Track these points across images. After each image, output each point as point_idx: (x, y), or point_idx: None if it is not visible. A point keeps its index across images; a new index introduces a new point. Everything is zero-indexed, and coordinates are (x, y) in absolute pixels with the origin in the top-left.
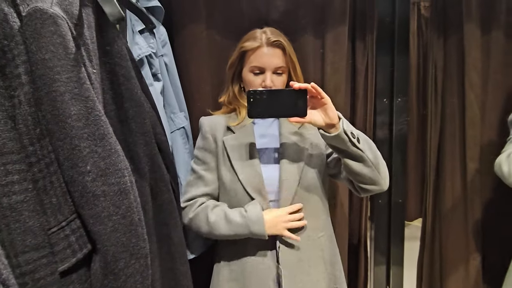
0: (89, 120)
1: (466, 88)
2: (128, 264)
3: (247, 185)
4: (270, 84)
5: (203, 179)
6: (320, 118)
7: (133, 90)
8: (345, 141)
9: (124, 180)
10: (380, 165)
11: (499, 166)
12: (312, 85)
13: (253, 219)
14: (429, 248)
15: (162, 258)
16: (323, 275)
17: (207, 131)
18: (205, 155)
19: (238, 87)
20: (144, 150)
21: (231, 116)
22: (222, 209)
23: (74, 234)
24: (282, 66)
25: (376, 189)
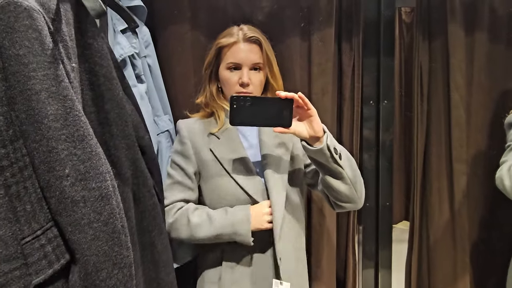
0: (67, 121)
1: (451, 90)
2: (111, 275)
3: (249, 190)
4: (247, 81)
5: (181, 185)
6: (304, 130)
7: (115, 91)
8: (327, 156)
9: (105, 185)
10: (358, 184)
11: (500, 180)
12: (299, 95)
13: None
14: (416, 250)
15: (146, 267)
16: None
17: (185, 136)
18: (183, 160)
19: (216, 87)
20: (126, 154)
21: (210, 122)
22: (204, 211)
23: (50, 244)
24: (259, 62)
25: (351, 206)
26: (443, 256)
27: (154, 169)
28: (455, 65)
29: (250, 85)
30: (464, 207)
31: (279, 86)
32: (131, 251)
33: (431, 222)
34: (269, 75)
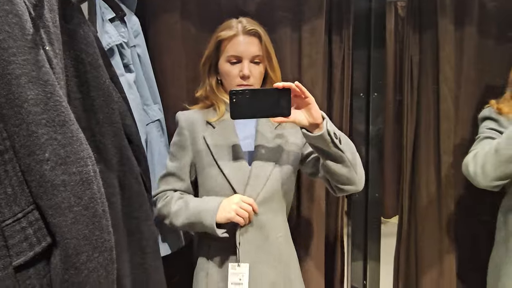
0: (48, 105)
1: (440, 82)
2: (91, 258)
3: (232, 180)
4: (247, 73)
5: (175, 176)
6: (304, 118)
7: (101, 78)
8: (328, 141)
9: (86, 170)
10: (358, 166)
11: (466, 166)
12: (296, 84)
13: (206, 208)
14: (405, 243)
15: (132, 253)
16: (279, 277)
17: (183, 127)
18: (179, 152)
19: (215, 80)
20: (112, 141)
21: (209, 111)
22: (185, 200)
23: (31, 227)
24: (259, 54)
25: (352, 189)
26: (430, 249)
27: (141, 157)
28: (444, 58)
29: (250, 78)
30: (451, 200)
31: (277, 78)
32: (112, 236)
33: (419, 214)
34: (268, 67)
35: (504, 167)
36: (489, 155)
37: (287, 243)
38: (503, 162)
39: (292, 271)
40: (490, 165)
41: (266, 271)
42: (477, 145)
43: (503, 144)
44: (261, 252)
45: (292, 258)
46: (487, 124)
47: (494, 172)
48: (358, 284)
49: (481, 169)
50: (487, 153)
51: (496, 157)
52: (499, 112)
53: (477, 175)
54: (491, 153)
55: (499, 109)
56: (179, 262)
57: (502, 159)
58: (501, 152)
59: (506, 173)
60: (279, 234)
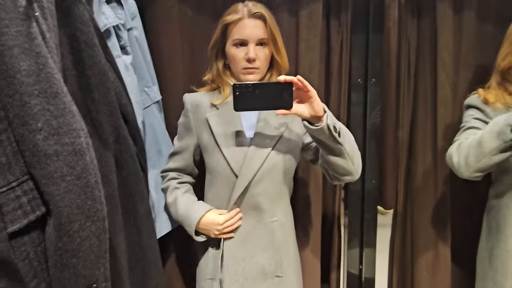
0: (40, 77)
1: (438, 68)
2: (84, 227)
3: (230, 160)
4: (253, 56)
5: (178, 154)
6: (305, 110)
7: (96, 57)
8: (327, 134)
9: (79, 141)
10: (355, 157)
11: (450, 157)
12: (298, 78)
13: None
14: (400, 230)
15: (128, 231)
16: (270, 261)
17: (188, 110)
18: (184, 132)
19: (222, 64)
20: (108, 120)
21: (214, 94)
22: (176, 196)
23: (26, 196)
24: (264, 37)
25: (348, 179)
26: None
27: (136, 137)
28: (442, 43)
29: (256, 61)
30: (447, 187)
31: (284, 63)
32: (104, 206)
33: (415, 201)
34: (274, 51)
35: (486, 159)
36: (472, 146)
37: (283, 229)
38: (485, 154)
39: (285, 257)
40: (473, 156)
41: (254, 251)
42: (461, 135)
43: (486, 136)
44: (254, 233)
45: (287, 244)
46: (473, 113)
47: (476, 164)
48: (354, 270)
49: (464, 160)
50: (470, 144)
51: (479, 149)
52: (485, 101)
53: (460, 166)
54: (474, 145)
55: (486, 99)
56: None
57: (485, 151)
58: (484, 144)
59: (488, 165)
60: (274, 219)
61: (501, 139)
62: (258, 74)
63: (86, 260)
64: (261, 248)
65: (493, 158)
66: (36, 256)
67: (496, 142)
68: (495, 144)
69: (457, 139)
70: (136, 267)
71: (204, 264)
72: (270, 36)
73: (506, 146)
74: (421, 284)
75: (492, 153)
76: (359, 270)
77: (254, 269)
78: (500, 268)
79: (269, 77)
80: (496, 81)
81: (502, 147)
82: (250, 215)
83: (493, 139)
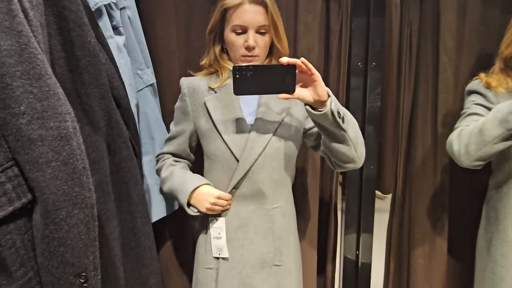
0: (22, 57)
1: (440, 51)
2: (71, 214)
3: (231, 144)
4: (253, 44)
5: (174, 139)
6: (308, 95)
7: (86, 38)
8: (330, 120)
9: (65, 125)
10: (359, 144)
11: (450, 145)
12: (302, 60)
13: (185, 187)
14: (398, 215)
15: (122, 218)
16: (269, 249)
17: (185, 94)
18: (181, 117)
19: (220, 48)
20: (99, 104)
21: (212, 78)
22: (172, 170)
23: (10, 182)
24: (265, 24)
25: (351, 166)
26: (423, 222)
27: (129, 121)
28: (445, 25)
29: (256, 48)
30: (447, 172)
31: (284, 49)
32: (93, 193)
33: (414, 186)
34: (274, 38)
35: (488, 147)
36: (474, 134)
37: (284, 216)
38: (487, 143)
39: (285, 246)
40: (474, 145)
41: (254, 238)
42: (462, 121)
43: (488, 124)
44: (253, 218)
45: (287, 232)
46: (474, 98)
47: (477, 152)
48: (350, 255)
49: (465, 149)
50: (472, 132)
51: (480, 137)
52: (487, 86)
53: (460, 154)
54: (475, 132)
55: (488, 83)
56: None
57: (487, 139)
58: (486, 132)
59: (489, 153)
60: (275, 205)
61: (504, 127)
62: (257, 61)
63: (74, 248)
64: (261, 235)
65: (494, 147)
66: (23, 244)
67: (498, 130)
68: (498, 132)
69: (458, 126)
70: (130, 254)
71: (203, 252)
72: (271, 22)
73: (509, 134)
74: (417, 270)
75: (494, 141)
76: (355, 256)
77: (253, 256)
78: (500, 259)
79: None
80: (499, 67)
81: (505, 135)
82: (251, 201)
83: (496, 127)
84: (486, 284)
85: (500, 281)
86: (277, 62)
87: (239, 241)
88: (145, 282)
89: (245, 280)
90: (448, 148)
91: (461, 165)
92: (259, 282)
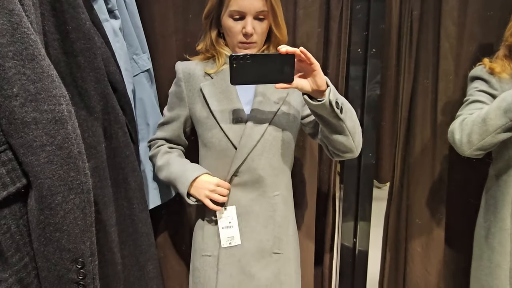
0: (14, 37)
1: (441, 38)
2: (67, 199)
3: (228, 131)
4: (251, 30)
5: (168, 124)
6: (307, 84)
7: (80, 20)
8: (328, 110)
9: (60, 108)
10: (357, 134)
11: (452, 133)
12: (301, 50)
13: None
14: (396, 203)
15: (119, 204)
16: (268, 237)
17: (180, 79)
18: (175, 102)
19: (216, 33)
20: (95, 88)
21: (208, 63)
22: (168, 158)
23: (4, 167)
24: (263, 10)
25: (348, 155)
26: (421, 210)
27: (126, 106)
28: (446, 12)
29: (253, 35)
30: (445, 161)
31: (283, 37)
32: (89, 178)
33: (412, 174)
34: (273, 24)
35: (490, 137)
36: (476, 123)
37: (285, 204)
38: (490, 132)
39: (284, 233)
40: (476, 134)
41: (255, 226)
42: (464, 109)
43: (492, 114)
44: (254, 206)
45: (287, 220)
46: (477, 85)
47: (479, 142)
48: (348, 243)
49: (467, 138)
50: (475, 121)
51: (483, 126)
52: (491, 72)
53: (462, 143)
54: (478, 121)
55: (491, 68)
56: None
57: (490, 129)
58: (489, 122)
59: (491, 143)
60: (276, 193)
61: (508, 117)
62: (255, 48)
63: (70, 234)
64: (262, 223)
65: (497, 137)
66: (18, 229)
67: (502, 119)
68: (501, 122)
69: (460, 114)
70: (128, 240)
71: (200, 240)
72: (270, 9)
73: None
74: (414, 258)
75: (497, 131)
76: (353, 243)
77: (253, 244)
78: (497, 247)
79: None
80: (503, 53)
81: (508, 126)
82: (252, 189)
83: (499, 116)
84: (483, 272)
85: (497, 268)
86: (275, 49)
87: (240, 229)
88: (143, 269)
89: (245, 267)
90: (449, 137)
91: (462, 154)
92: (259, 270)
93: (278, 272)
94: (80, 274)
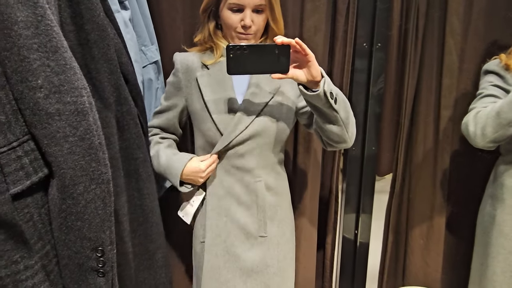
0: (39, 29)
1: (446, 34)
2: (88, 189)
3: (217, 120)
4: (249, 23)
5: (163, 113)
6: (302, 75)
7: (95, 11)
8: (323, 101)
9: (82, 100)
10: (350, 125)
11: (466, 126)
12: (296, 41)
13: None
14: (397, 196)
15: (130, 194)
16: (253, 219)
17: (178, 70)
18: (172, 92)
19: (214, 24)
20: (108, 79)
21: (206, 54)
22: (158, 149)
23: (27, 156)
24: (262, 3)
25: (342, 146)
26: (422, 203)
27: (137, 98)
28: (452, 8)
29: (252, 27)
30: (447, 155)
31: (279, 30)
32: (109, 169)
33: (414, 169)
34: (270, 18)
35: (504, 130)
36: (491, 117)
37: (270, 191)
38: (504, 126)
39: (270, 218)
40: (490, 127)
41: (237, 208)
42: (478, 102)
43: (506, 107)
44: (236, 188)
45: (273, 207)
46: (492, 79)
47: (493, 135)
48: (349, 235)
49: (481, 131)
50: (489, 114)
51: (497, 119)
52: (507, 67)
53: (476, 136)
54: (493, 115)
55: (508, 64)
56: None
57: (504, 122)
58: (503, 115)
59: (505, 136)
60: (258, 179)
61: None
62: (252, 40)
63: (91, 223)
64: (244, 205)
65: (510, 130)
66: (40, 218)
67: None
68: None
69: (473, 107)
70: (138, 229)
71: (198, 226)
72: (267, 2)
73: None
74: (414, 250)
75: (510, 124)
76: (354, 235)
77: (236, 225)
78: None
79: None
80: None
81: None
82: (233, 172)
83: None
84: (496, 258)
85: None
86: (272, 42)
87: (224, 209)
88: (152, 257)
89: (229, 248)
90: (463, 129)
91: (475, 145)
92: (243, 251)
93: (263, 255)
94: (100, 262)
